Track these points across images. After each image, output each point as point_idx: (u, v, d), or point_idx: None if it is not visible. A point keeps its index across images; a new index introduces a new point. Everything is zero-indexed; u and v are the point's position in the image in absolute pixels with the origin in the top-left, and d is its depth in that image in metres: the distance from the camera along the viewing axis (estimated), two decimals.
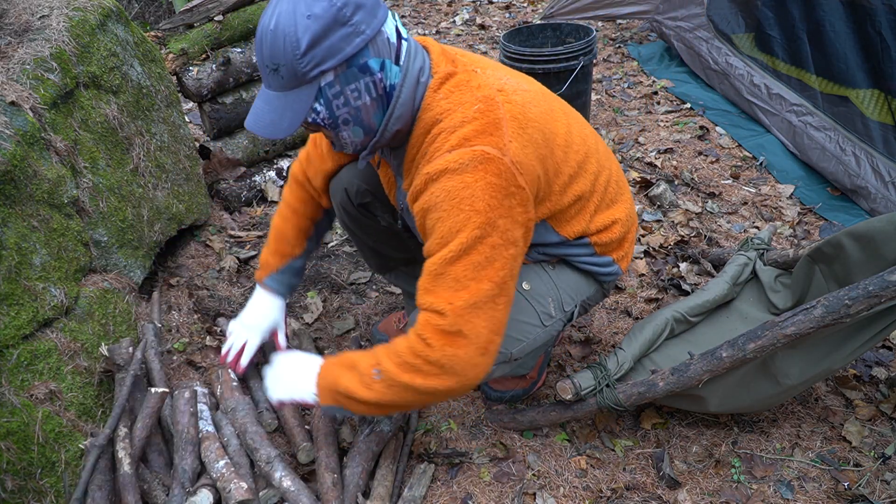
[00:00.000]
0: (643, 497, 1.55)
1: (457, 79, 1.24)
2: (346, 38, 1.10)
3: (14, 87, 1.61)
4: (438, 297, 1.20)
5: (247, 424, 1.58)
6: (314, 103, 1.15)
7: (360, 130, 1.22)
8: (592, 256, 1.50)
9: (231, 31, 2.64)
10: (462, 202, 1.16)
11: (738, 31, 3.22)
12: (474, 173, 1.16)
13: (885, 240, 1.49)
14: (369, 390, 1.27)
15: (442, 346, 1.20)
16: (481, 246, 1.18)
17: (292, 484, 1.44)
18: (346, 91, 1.15)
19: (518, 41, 3.03)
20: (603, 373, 1.58)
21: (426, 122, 1.23)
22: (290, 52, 1.08)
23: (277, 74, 1.12)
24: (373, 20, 1.13)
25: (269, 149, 2.85)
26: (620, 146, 3.08)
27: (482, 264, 1.19)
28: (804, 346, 1.48)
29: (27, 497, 1.37)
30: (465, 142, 1.17)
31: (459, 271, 1.19)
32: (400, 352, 1.25)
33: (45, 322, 1.53)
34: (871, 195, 2.37)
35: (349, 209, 1.67)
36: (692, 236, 2.44)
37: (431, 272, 1.21)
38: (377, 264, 1.86)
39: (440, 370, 1.22)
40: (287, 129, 1.15)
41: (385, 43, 1.16)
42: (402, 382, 1.24)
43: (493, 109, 1.20)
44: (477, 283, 1.19)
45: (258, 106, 1.17)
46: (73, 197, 1.72)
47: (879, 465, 1.56)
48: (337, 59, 1.11)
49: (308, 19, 1.07)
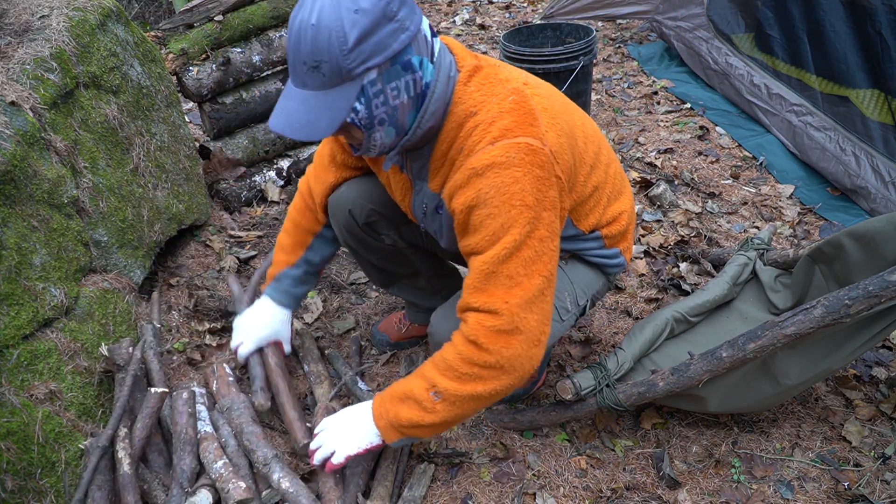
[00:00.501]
0: (643, 497, 1.55)
1: (484, 72, 1.23)
2: (392, 33, 1.07)
3: (14, 87, 1.61)
4: (493, 296, 1.20)
5: (243, 424, 1.58)
6: (355, 102, 1.10)
7: (393, 131, 1.18)
8: (602, 249, 1.52)
9: (231, 31, 2.64)
10: (513, 197, 1.16)
11: (738, 31, 3.22)
12: (522, 167, 1.15)
13: (885, 240, 1.49)
14: (433, 414, 1.26)
15: (498, 347, 1.21)
16: (531, 240, 1.18)
17: (291, 485, 1.44)
18: (386, 89, 1.11)
19: (518, 41, 3.03)
20: (603, 373, 1.58)
21: (458, 116, 1.21)
22: (336, 47, 1.03)
23: (318, 72, 1.06)
24: (414, 16, 1.11)
25: (269, 149, 2.85)
26: (620, 146, 3.08)
27: (533, 259, 1.19)
28: (804, 346, 1.48)
29: (27, 497, 1.37)
30: (508, 132, 1.16)
31: (512, 268, 1.19)
32: (454, 365, 1.24)
33: (45, 322, 1.53)
34: (871, 195, 2.37)
35: (353, 230, 1.64)
36: (692, 236, 2.44)
37: (483, 271, 1.20)
38: (380, 280, 1.85)
39: (499, 371, 1.23)
40: (325, 130, 1.10)
41: (423, 40, 1.14)
42: (465, 395, 1.24)
43: (526, 100, 1.20)
44: (529, 278, 1.20)
45: (290, 107, 1.11)
46: (73, 197, 1.72)
47: (879, 465, 1.56)
48: (383, 55, 1.07)
49: (356, 14, 1.03)
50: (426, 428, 1.30)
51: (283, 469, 1.47)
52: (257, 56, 2.70)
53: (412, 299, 1.88)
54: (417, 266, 1.76)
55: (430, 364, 1.29)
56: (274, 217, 2.68)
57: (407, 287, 1.85)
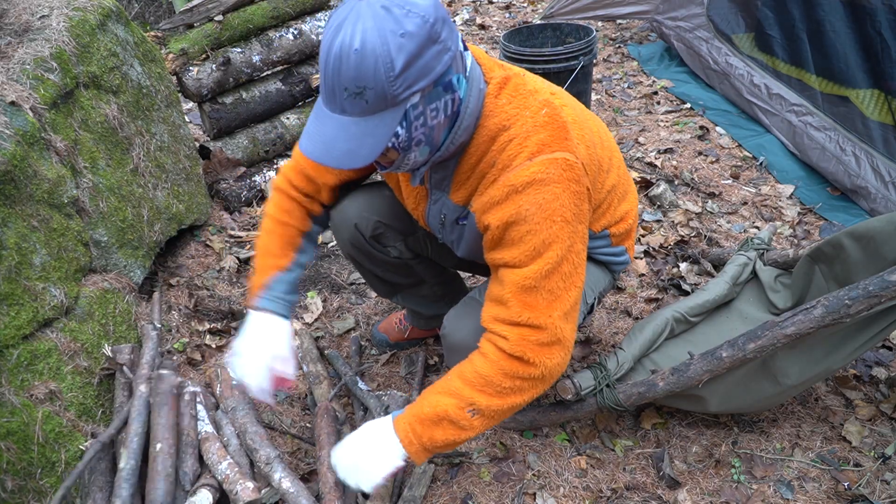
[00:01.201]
0: (643, 497, 1.55)
1: (513, 83, 1.22)
2: (437, 55, 1.03)
3: (14, 87, 1.61)
4: (537, 311, 1.20)
5: (246, 424, 1.58)
6: (397, 127, 1.06)
7: (427, 150, 1.16)
8: (609, 247, 1.53)
9: (231, 31, 2.64)
10: (554, 214, 1.16)
11: (738, 31, 3.22)
12: (561, 183, 1.16)
13: (885, 240, 1.49)
14: (470, 430, 1.25)
15: (542, 359, 1.21)
16: (570, 255, 1.20)
17: (291, 485, 1.44)
18: (427, 111, 1.08)
19: (518, 41, 3.03)
20: (603, 373, 1.58)
21: (491, 129, 1.20)
22: (382, 74, 0.98)
23: (360, 98, 1.01)
24: (453, 35, 1.07)
25: (268, 149, 2.85)
26: (620, 146, 3.08)
27: (571, 273, 1.21)
28: (804, 346, 1.48)
29: (27, 497, 1.37)
30: (546, 148, 1.16)
31: (554, 284, 1.20)
32: (494, 381, 1.22)
33: (45, 322, 1.53)
34: (871, 195, 2.37)
35: (360, 244, 1.61)
36: (692, 236, 2.44)
37: (524, 286, 1.19)
38: (384, 290, 1.82)
39: (540, 381, 1.24)
40: (366, 157, 1.05)
41: (460, 57, 1.11)
42: (505, 408, 1.24)
43: (558, 113, 1.20)
44: (567, 291, 1.21)
45: (328, 133, 1.06)
46: (73, 197, 1.72)
47: (879, 465, 1.56)
48: (429, 78, 1.03)
49: (402, 38, 0.98)
50: (459, 443, 1.29)
51: (285, 469, 1.47)
52: (257, 56, 2.70)
53: (414, 307, 1.88)
54: (421, 275, 1.75)
55: (459, 381, 1.24)
56: None
57: (410, 296, 1.84)
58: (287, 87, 2.85)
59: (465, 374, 1.25)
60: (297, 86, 2.87)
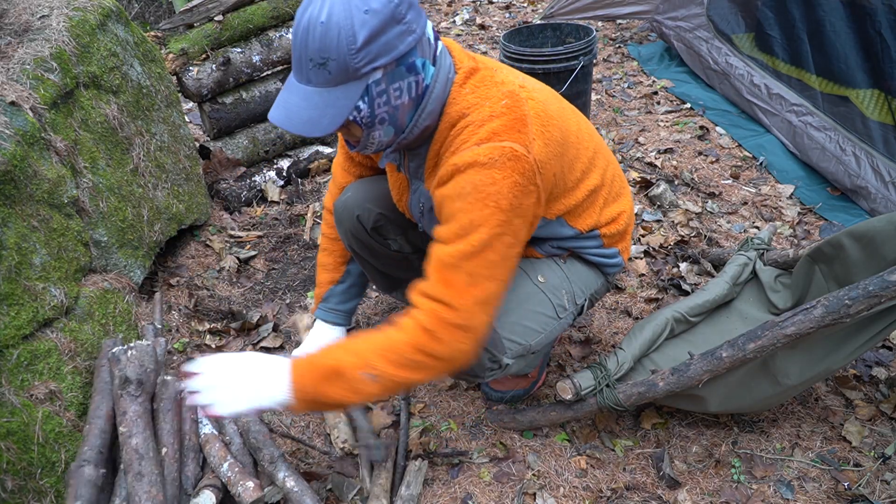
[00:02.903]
0: (643, 497, 1.55)
1: (480, 74, 1.25)
2: (400, 35, 1.09)
3: (14, 87, 1.61)
4: (451, 289, 1.19)
5: (249, 424, 1.59)
6: (358, 101, 1.11)
7: (392, 130, 1.20)
8: (601, 248, 1.53)
9: (231, 31, 2.64)
10: (488, 198, 1.16)
11: (738, 31, 3.22)
12: (502, 170, 1.16)
13: (885, 240, 1.49)
14: (359, 394, 1.20)
15: (452, 340, 1.19)
16: (498, 244, 1.19)
17: (296, 484, 1.44)
18: (389, 90, 1.13)
19: (518, 41, 3.03)
20: (603, 373, 1.58)
21: (452, 116, 1.23)
22: (344, 45, 1.05)
23: (324, 69, 1.08)
24: (420, 20, 1.13)
25: (269, 149, 2.85)
26: (620, 146, 3.08)
27: (496, 263, 1.20)
28: (804, 346, 1.48)
29: (27, 497, 1.37)
30: (494, 136, 1.17)
31: (475, 268, 1.19)
32: (400, 350, 1.19)
33: (45, 322, 1.53)
34: (871, 195, 2.37)
35: (361, 236, 1.64)
36: (692, 236, 2.44)
37: (446, 263, 1.19)
38: (385, 285, 1.85)
39: (444, 363, 1.21)
40: (327, 126, 1.11)
41: (427, 43, 1.16)
42: (400, 380, 1.20)
43: (519, 105, 1.20)
44: (489, 281, 1.20)
45: (292, 101, 1.12)
46: (73, 197, 1.72)
47: (879, 465, 1.56)
48: (390, 56, 1.09)
49: (366, 14, 1.04)
50: (344, 406, 1.23)
51: (289, 468, 1.48)
52: (257, 56, 2.70)
53: None
54: (421, 270, 1.75)
55: (366, 344, 1.21)
56: (274, 217, 2.68)
57: None
58: None
59: (373, 340, 1.21)
60: None
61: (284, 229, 2.61)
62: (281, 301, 2.25)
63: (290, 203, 2.76)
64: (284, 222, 2.65)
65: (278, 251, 2.50)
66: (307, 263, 2.43)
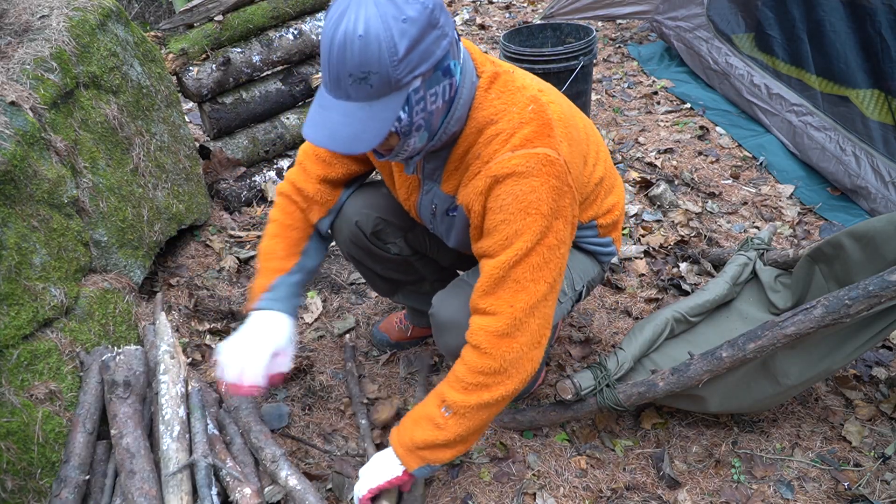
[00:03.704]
0: (643, 497, 1.55)
1: (503, 79, 1.25)
2: (436, 40, 1.06)
3: (14, 87, 1.61)
4: (499, 299, 1.23)
5: (251, 423, 1.59)
6: (400, 111, 1.08)
7: (426, 135, 1.18)
8: (596, 237, 1.56)
9: (231, 31, 2.64)
10: (529, 206, 1.19)
11: (738, 31, 3.22)
12: (539, 177, 1.18)
13: (885, 240, 1.49)
14: (445, 430, 1.27)
15: (500, 351, 1.23)
16: (540, 247, 1.22)
17: (298, 482, 1.44)
18: (427, 95, 1.11)
19: (518, 41, 3.03)
20: (603, 373, 1.58)
21: (479, 122, 1.23)
22: (386, 58, 1.01)
23: (365, 83, 1.04)
24: (450, 21, 1.11)
25: (269, 149, 2.85)
26: (620, 146, 3.08)
27: (540, 266, 1.22)
28: (804, 346, 1.48)
29: (27, 497, 1.37)
30: (528, 142, 1.19)
31: (520, 273, 1.22)
32: (461, 376, 1.26)
33: (45, 322, 1.53)
34: (871, 195, 2.37)
35: (360, 242, 1.61)
36: (692, 236, 2.44)
37: (493, 276, 1.23)
38: (384, 289, 1.83)
39: (503, 376, 1.25)
40: (371, 141, 1.07)
41: (456, 44, 1.15)
42: (472, 405, 1.25)
43: (544, 110, 1.22)
44: (534, 283, 1.23)
45: (332, 119, 1.08)
46: (73, 197, 1.72)
47: (879, 465, 1.56)
48: (430, 62, 1.07)
49: (404, 23, 1.01)
50: (441, 447, 1.30)
51: (291, 467, 1.48)
52: (257, 56, 2.70)
53: (415, 305, 1.88)
54: (421, 272, 1.76)
55: (443, 381, 1.31)
56: None
57: (411, 294, 1.85)
58: (287, 87, 2.85)
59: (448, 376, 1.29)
60: (298, 86, 2.87)
61: None
62: None
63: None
64: None
65: None
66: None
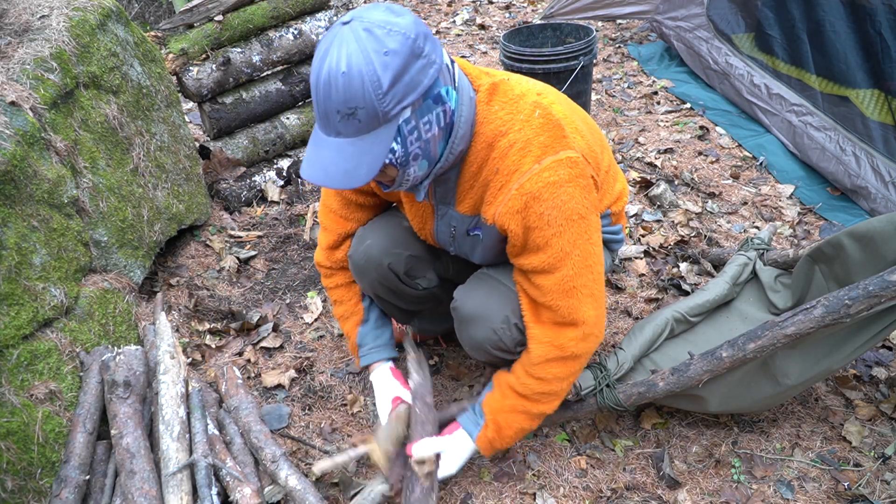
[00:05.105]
0: (643, 497, 1.55)
1: (501, 89, 1.25)
2: (422, 70, 1.06)
3: (14, 87, 1.61)
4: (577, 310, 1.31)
5: (251, 423, 1.59)
6: (392, 143, 1.09)
7: (426, 163, 1.18)
8: (610, 226, 1.58)
9: (231, 31, 2.64)
10: (572, 213, 1.23)
11: (738, 31, 3.22)
12: (572, 181, 1.21)
13: (885, 240, 1.48)
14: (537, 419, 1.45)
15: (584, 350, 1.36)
16: (590, 245, 1.28)
17: (298, 482, 1.44)
18: (420, 125, 1.11)
19: (518, 41, 3.03)
20: (603, 373, 1.58)
21: (487, 136, 1.23)
22: (371, 92, 1.02)
23: (353, 119, 1.04)
24: (437, 49, 1.11)
25: (268, 149, 2.85)
26: (620, 146, 3.08)
27: (595, 262, 1.31)
28: (804, 346, 1.48)
29: (27, 497, 1.37)
30: (549, 148, 1.21)
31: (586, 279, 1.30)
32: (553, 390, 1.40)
33: (45, 322, 1.53)
34: (871, 195, 2.37)
35: (391, 283, 1.57)
36: (692, 236, 2.44)
37: (563, 289, 1.29)
38: (403, 318, 1.79)
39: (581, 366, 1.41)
40: (365, 176, 1.08)
41: (447, 70, 1.15)
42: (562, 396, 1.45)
43: (551, 113, 1.23)
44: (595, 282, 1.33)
45: (325, 156, 1.08)
46: (73, 197, 1.72)
47: (879, 465, 1.56)
48: (417, 92, 1.07)
49: (386, 56, 1.01)
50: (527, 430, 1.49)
51: (291, 467, 1.48)
52: (257, 56, 2.70)
53: (427, 326, 1.90)
54: (441, 297, 1.73)
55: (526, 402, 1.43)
56: (274, 217, 2.68)
57: (427, 316, 1.87)
58: (287, 87, 2.85)
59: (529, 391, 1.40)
60: (297, 86, 2.87)
61: (284, 229, 2.61)
62: (281, 301, 2.25)
63: (290, 203, 2.77)
64: (284, 222, 2.65)
65: (278, 251, 2.50)
66: (307, 263, 2.43)
